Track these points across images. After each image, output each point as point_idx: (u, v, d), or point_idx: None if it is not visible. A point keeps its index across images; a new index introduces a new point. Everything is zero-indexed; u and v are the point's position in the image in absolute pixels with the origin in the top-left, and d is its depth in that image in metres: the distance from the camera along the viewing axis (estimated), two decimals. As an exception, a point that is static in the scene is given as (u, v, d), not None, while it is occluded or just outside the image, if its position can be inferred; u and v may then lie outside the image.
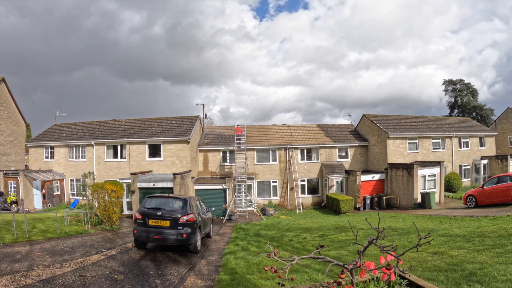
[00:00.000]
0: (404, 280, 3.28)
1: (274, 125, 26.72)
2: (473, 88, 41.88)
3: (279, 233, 11.60)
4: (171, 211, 8.51)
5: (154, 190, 16.22)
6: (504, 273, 4.51)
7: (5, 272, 5.89)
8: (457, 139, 25.00)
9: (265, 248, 8.76)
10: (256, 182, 22.36)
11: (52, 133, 23.83)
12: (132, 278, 5.98)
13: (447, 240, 8.06)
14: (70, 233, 11.42)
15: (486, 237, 7.68)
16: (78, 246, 9.23)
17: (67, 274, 6.01)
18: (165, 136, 21.08)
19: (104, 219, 14.10)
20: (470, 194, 15.68)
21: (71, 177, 22.06)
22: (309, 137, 24.37)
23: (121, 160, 21.43)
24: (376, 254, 6.28)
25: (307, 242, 9.60)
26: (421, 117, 27.12)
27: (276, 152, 23.20)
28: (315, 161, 23.53)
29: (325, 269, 5.91)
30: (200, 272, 6.59)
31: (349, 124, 27.60)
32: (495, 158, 24.75)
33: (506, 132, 31.85)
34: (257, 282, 5.47)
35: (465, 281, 4.36)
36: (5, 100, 23.46)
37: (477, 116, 40.27)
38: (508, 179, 14.04)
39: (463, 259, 5.77)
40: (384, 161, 22.17)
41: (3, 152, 23.22)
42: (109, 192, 14.03)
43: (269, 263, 6.41)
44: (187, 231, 8.16)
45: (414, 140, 23.47)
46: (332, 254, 7.53)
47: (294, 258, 2.90)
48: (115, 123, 24.08)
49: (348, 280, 2.98)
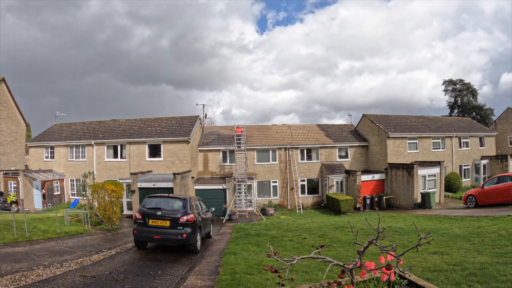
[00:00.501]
0: (404, 280, 3.28)
1: (274, 125, 26.72)
2: (473, 88, 41.93)
3: (279, 233, 11.59)
4: (171, 211, 8.51)
5: (154, 190, 16.21)
6: (504, 273, 4.51)
7: (5, 272, 5.89)
8: (457, 139, 25.00)
9: (265, 248, 8.76)
10: (256, 182, 22.37)
11: (52, 133, 23.84)
12: (132, 278, 5.98)
13: (447, 240, 8.07)
14: (70, 233, 11.43)
15: (486, 237, 7.68)
16: (78, 246, 9.23)
17: (67, 274, 6.02)
18: (165, 136, 21.08)
19: (104, 219, 14.11)
20: (470, 194, 15.68)
21: (71, 177, 22.06)
22: (309, 137, 24.38)
23: (121, 160, 21.44)
24: (376, 254, 6.28)
25: (307, 242, 9.60)
26: (421, 117, 27.12)
27: (276, 152, 23.20)
28: (315, 161, 23.53)
29: (325, 269, 5.90)
30: (200, 272, 6.59)
31: (349, 124, 27.60)
32: (495, 158, 24.76)
33: (506, 132, 31.85)
34: (257, 282, 5.47)
35: (465, 281, 4.36)
36: (5, 100, 23.46)
37: (477, 116, 40.27)
38: (508, 179, 14.04)
39: (463, 259, 5.77)
40: (384, 161, 22.17)
41: (3, 152, 23.22)
42: (109, 192, 14.03)
43: (269, 263, 6.41)
44: (187, 231, 8.16)
45: (414, 140, 23.48)
46: (332, 254, 7.54)
47: (294, 258, 2.90)
48: (115, 123, 24.07)
49: (348, 280, 2.98)
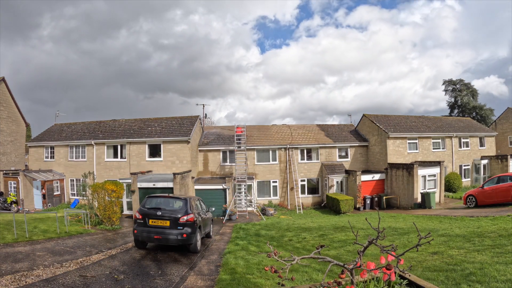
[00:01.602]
0: (404, 280, 3.29)
1: (274, 125, 26.72)
2: (473, 88, 41.89)
3: (279, 233, 11.60)
4: (171, 211, 8.51)
5: (154, 190, 16.22)
6: (504, 273, 4.51)
7: (6, 272, 5.90)
8: (457, 139, 25.00)
9: (265, 248, 8.77)
10: (256, 182, 22.37)
11: (52, 133, 23.84)
12: (133, 278, 5.98)
13: (447, 240, 8.07)
14: (70, 233, 11.43)
15: (486, 237, 7.69)
16: (78, 246, 9.24)
17: (67, 274, 6.02)
18: (165, 136, 21.08)
19: (104, 219, 14.11)
20: (470, 194, 15.68)
21: (71, 177, 22.06)
22: (309, 137, 24.38)
23: (121, 160, 21.44)
24: (376, 254, 6.29)
25: (307, 242, 9.61)
26: (421, 117, 27.13)
27: (276, 152, 23.21)
28: (315, 161, 23.54)
29: (325, 269, 5.91)
30: (200, 272, 6.60)
31: (349, 124, 27.60)
32: (495, 158, 24.76)
33: (506, 132, 31.86)
34: (257, 282, 5.47)
35: (465, 281, 4.36)
36: (5, 100, 23.47)
37: (477, 116, 40.25)
38: (508, 179, 14.04)
39: (463, 259, 5.78)
40: (384, 161, 22.18)
41: (3, 152, 23.23)
42: (109, 192, 14.04)
43: (269, 263, 6.41)
44: (187, 231, 8.16)
45: (414, 140, 23.48)
46: (332, 254, 7.54)
47: (294, 258, 2.90)
48: (115, 123, 24.06)
49: (348, 280, 2.98)
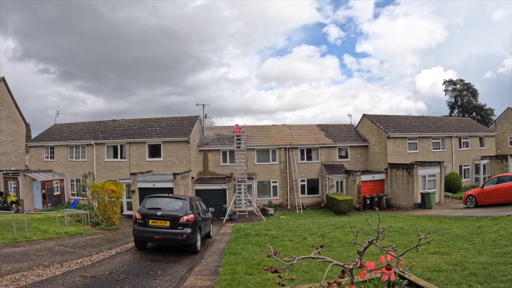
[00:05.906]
0: (404, 280, 3.28)
1: (274, 125, 26.72)
2: (473, 88, 41.92)
3: (279, 233, 11.59)
4: (171, 211, 8.50)
5: (154, 190, 16.20)
6: (504, 273, 4.51)
7: (5, 272, 5.89)
8: (457, 139, 25.00)
9: (265, 248, 8.75)
10: (256, 182, 22.36)
11: (52, 133, 23.84)
12: (132, 278, 5.98)
13: (447, 240, 8.07)
14: (70, 233, 11.42)
15: (487, 237, 7.68)
16: (78, 246, 9.23)
17: (67, 274, 6.01)
18: (165, 136, 21.08)
19: (104, 219, 14.11)
20: (470, 194, 15.66)
21: (71, 177, 22.06)
22: (309, 137, 24.37)
23: (121, 160, 21.44)
24: (377, 254, 6.28)
25: (307, 242, 9.60)
26: (421, 117, 27.13)
27: (276, 152, 23.20)
28: (315, 161, 23.53)
29: (325, 269, 5.90)
30: (200, 272, 6.59)
31: (349, 124, 27.59)
32: (495, 158, 24.76)
33: (506, 132, 31.84)
34: (257, 282, 5.46)
35: (465, 281, 4.36)
36: (5, 100, 23.46)
37: (477, 116, 40.26)
38: (508, 179, 14.03)
39: (463, 259, 5.77)
40: (384, 161, 22.17)
41: (3, 152, 23.22)
42: (109, 192, 14.03)
43: (269, 263, 6.41)
44: (187, 231, 8.15)
45: (414, 140, 23.48)
46: (332, 254, 7.53)
47: (294, 258, 2.90)
48: (115, 123, 24.06)
49: (348, 280, 2.98)
